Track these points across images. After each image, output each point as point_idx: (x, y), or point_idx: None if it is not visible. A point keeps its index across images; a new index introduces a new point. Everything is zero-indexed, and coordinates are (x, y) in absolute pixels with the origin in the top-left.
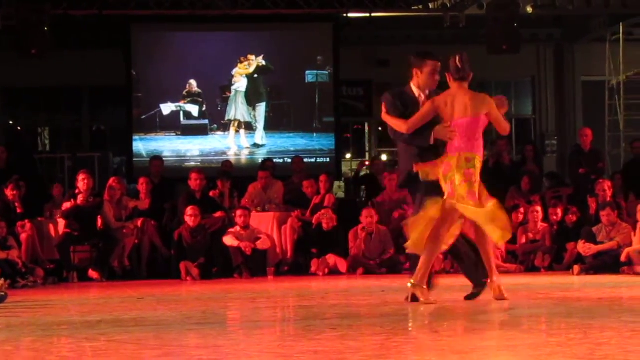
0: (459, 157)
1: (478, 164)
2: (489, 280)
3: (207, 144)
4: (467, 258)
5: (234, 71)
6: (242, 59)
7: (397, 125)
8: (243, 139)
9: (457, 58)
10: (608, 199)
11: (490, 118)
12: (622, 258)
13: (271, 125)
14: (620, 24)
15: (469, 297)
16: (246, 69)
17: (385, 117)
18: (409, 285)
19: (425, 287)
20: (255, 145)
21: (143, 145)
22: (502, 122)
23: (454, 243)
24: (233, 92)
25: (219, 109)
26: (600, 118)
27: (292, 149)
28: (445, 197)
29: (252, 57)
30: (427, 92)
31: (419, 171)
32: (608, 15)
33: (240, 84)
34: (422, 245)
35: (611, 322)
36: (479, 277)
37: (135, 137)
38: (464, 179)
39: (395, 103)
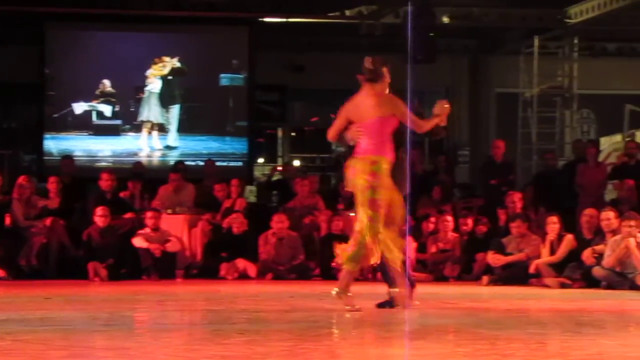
0: (364, 160)
1: (385, 166)
2: (396, 290)
3: (119, 144)
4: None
5: (148, 72)
6: (156, 60)
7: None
8: (155, 140)
9: (370, 60)
10: (518, 210)
11: (401, 119)
12: (531, 270)
13: (184, 128)
14: (535, 37)
15: (381, 305)
16: (160, 70)
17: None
18: (334, 293)
19: (350, 294)
20: (168, 147)
21: (54, 144)
22: (417, 120)
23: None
24: (147, 93)
25: (132, 109)
26: (513, 130)
27: (204, 152)
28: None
29: (167, 59)
30: None
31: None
32: (523, 28)
33: (154, 85)
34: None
35: (518, 333)
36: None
37: (47, 135)
38: (367, 185)
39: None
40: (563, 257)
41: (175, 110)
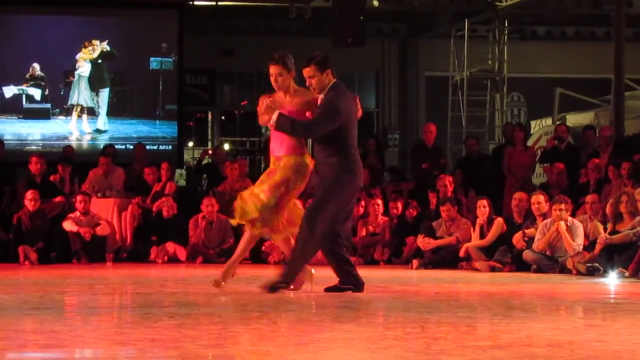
0: (279, 160)
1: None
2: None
3: (49, 128)
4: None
5: (78, 56)
6: (86, 43)
7: None
8: (85, 124)
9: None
10: (449, 194)
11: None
12: (461, 253)
13: (114, 112)
14: (465, 20)
15: (330, 289)
16: (90, 54)
17: None
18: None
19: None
20: (98, 131)
21: None
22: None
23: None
24: (76, 77)
25: (62, 93)
26: (443, 113)
27: (134, 135)
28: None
29: (97, 43)
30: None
31: None
32: (453, 11)
33: (83, 69)
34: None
35: (448, 316)
36: (348, 273)
37: None
38: (285, 179)
39: None
40: (493, 240)
41: (104, 93)
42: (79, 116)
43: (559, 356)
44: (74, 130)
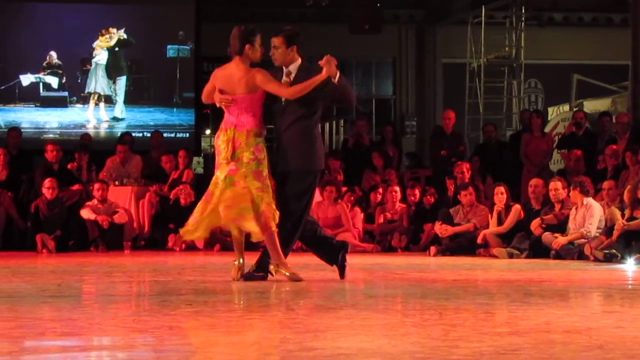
0: (248, 133)
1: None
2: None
3: (66, 116)
4: (316, 240)
5: (95, 44)
6: (103, 31)
7: None
8: (102, 112)
9: (234, 32)
10: (467, 180)
11: (266, 89)
12: (479, 240)
13: (131, 99)
14: (482, 7)
15: (342, 274)
16: (107, 42)
17: None
18: (272, 268)
19: (285, 261)
20: (115, 119)
21: (1, 116)
22: (283, 88)
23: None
24: (93, 65)
25: (79, 81)
26: (460, 100)
27: (151, 123)
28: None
29: (114, 30)
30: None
31: None
32: None
33: (100, 56)
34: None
35: (466, 303)
36: (332, 257)
37: None
38: (252, 157)
39: None
40: (511, 227)
41: (122, 81)
42: (96, 104)
43: (577, 342)
44: (91, 118)
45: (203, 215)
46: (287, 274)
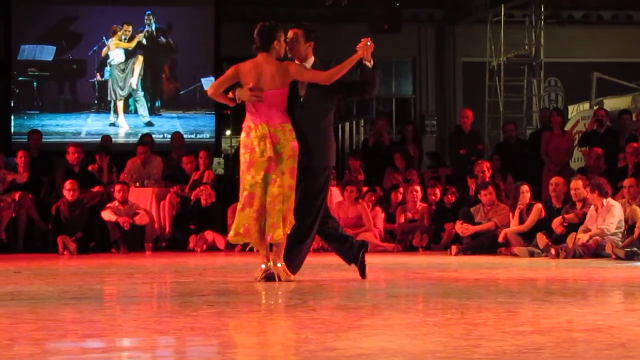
0: (284, 129)
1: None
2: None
3: (88, 120)
4: (337, 238)
5: (113, 44)
6: (122, 34)
7: None
8: (123, 115)
9: (256, 29)
10: (487, 179)
11: (304, 79)
12: (500, 239)
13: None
14: (502, 5)
15: (363, 273)
16: (127, 44)
17: None
18: (271, 265)
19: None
20: (145, 124)
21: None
22: (320, 72)
23: (325, 224)
24: (114, 69)
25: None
26: (480, 99)
27: (175, 128)
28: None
29: (129, 28)
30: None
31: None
32: None
33: (120, 59)
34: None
35: (487, 302)
36: (352, 256)
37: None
38: (291, 153)
39: None
40: (532, 226)
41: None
42: (117, 108)
43: (599, 341)
44: (113, 120)
45: (251, 219)
46: (282, 278)
